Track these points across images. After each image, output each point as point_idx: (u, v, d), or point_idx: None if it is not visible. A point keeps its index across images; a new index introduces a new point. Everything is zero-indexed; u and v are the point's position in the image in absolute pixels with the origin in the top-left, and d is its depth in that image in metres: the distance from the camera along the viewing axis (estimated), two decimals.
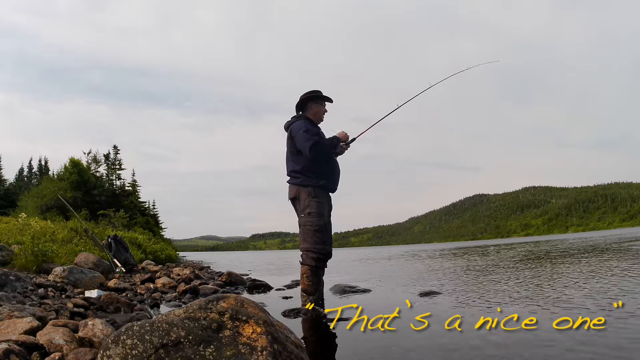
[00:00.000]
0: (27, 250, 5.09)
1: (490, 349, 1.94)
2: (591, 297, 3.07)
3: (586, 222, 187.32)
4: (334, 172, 3.59)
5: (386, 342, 2.15)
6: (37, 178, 42.38)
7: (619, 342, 1.90)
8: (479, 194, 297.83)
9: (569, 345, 1.91)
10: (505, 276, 5.00)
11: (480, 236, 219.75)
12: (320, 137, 3.49)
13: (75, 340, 1.76)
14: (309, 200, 3.41)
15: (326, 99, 3.66)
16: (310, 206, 3.39)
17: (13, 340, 1.65)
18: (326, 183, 3.47)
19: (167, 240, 30.81)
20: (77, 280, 4.24)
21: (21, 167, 46.30)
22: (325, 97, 3.65)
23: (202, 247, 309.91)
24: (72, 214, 9.74)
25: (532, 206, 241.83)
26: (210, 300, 1.55)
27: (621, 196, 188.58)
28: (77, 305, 2.75)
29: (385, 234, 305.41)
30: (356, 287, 4.42)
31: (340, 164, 3.69)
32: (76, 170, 25.38)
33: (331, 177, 3.54)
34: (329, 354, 2.05)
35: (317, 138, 3.39)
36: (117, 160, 33.61)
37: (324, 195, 3.50)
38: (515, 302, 3.09)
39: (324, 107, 3.68)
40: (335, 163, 3.63)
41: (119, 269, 6.17)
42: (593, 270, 4.91)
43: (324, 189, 3.49)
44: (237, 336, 1.42)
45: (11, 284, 3.45)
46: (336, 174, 3.62)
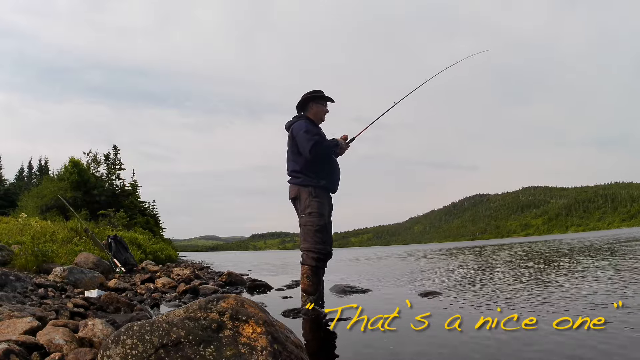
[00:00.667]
0: (27, 250, 5.09)
1: (490, 349, 1.94)
2: (585, 297, 3.07)
3: (586, 222, 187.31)
4: (334, 173, 3.59)
5: (386, 342, 2.15)
6: (37, 178, 42.36)
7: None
8: (479, 194, 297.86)
9: (570, 344, 1.91)
10: (503, 276, 5.01)
11: (480, 236, 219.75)
12: (321, 137, 3.49)
13: (75, 340, 1.76)
14: (309, 200, 3.41)
15: (327, 99, 3.66)
16: (310, 206, 3.40)
17: (13, 340, 1.65)
18: (327, 183, 3.48)
19: (167, 240, 30.83)
20: (77, 280, 4.24)
21: (21, 167, 46.31)
22: (327, 97, 3.65)
23: (202, 247, 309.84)
24: (72, 214, 9.74)
25: (532, 206, 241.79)
26: (210, 300, 1.55)
27: (621, 196, 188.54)
28: (77, 305, 2.75)
29: (385, 234, 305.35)
30: (356, 287, 4.42)
31: (340, 164, 3.70)
32: (76, 170, 25.39)
33: (332, 177, 3.54)
34: (329, 354, 2.05)
35: (318, 138, 3.39)
36: (117, 160, 33.62)
37: (325, 195, 3.50)
38: (515, 302, 3.09)
39: (325, 107, 3.68)
40: (335, 163, 3.63)
41: (119, 269, 6.17)
42: (583, 270, 4.91)
43: (325, 189, 3.49)
44: (237, 336, 1.42)
45: (11, 284, 3.45)
46: (337, 175, 3.62)
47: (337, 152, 3.64)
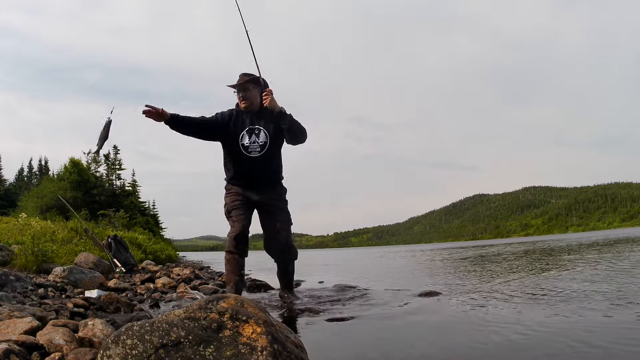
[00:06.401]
0: (27, 250, 5.09)
1: (491, 349, 1.94)
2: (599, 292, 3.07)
3: (586, 222, 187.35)
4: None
5: (387, 341, 2.15)
6: (37, 178, 42.38)
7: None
8: (479, 194, 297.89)
9: (570, 343, 1.91)
10: (501, 276, 5.00)
11: (480, 236, 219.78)
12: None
13: (75, 340, 1.76)
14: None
15: (233, 86, 3.49)
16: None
17: (13, 340, 1.65)
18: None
19: (167, 240, 30.81)
20: (77, 280, 4.24)
21: (21, 167, 46.35)
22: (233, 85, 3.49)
23: (202, 247, 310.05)
24: (72, 214, 9.74)
25: (532, 206, 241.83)
26: (210, 300, 1.54)
27: (621, 196, 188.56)
28: (77, 305, 2.75)
29: (385, 234, 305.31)
30: (356, 287, 4.42)
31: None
32: (76, 170, 25.42)
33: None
34: (330, 354, 2.05)
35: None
36: (117, 160, 33.65)
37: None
38: (515, 302, 3.09)
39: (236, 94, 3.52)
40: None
41: (119, 269, 6.17)
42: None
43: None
44: (237, 336, 1.42)
45: (11, 284, 3.45)
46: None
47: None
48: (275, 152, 3.54)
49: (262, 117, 3.44)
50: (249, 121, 3.44)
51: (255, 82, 3.43)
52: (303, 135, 3.51)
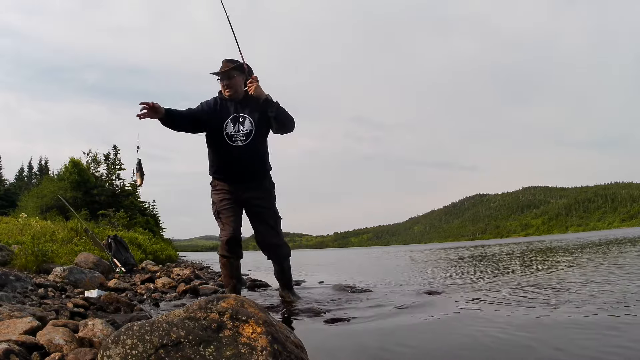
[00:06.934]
0: (27, 250, 5.09)
1: (491, 349, 1.94)
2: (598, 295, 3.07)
3: (586, 222, 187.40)
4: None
5: (387, 341, 2.15)
6: (37, 178, 42.40)
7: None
8: (479, 194, 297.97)
9: (570, 342, 1.91)
10: (501, 275, 5.00)
11: (480, 236, 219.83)
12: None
13: (75, 340, 1.76)
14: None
15: (217, 73, 3.41)
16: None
17: (13, 340, 1.65)
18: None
19: (167, 240, 30.80)
20: (77, 280, 4.24)
21: (21, 167, 46.37)
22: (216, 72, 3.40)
23: (202, 247, 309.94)
24: (72, 214, 9.74)
25: (532, 206, 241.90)
26: (210, 300, 1.55)
27: (621, 196, 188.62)
28: (77, 305, 2.75)
29: (385, 234, 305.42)
30: (356, 287, 4.42)
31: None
32: (76, 170, 25.44)
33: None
34: (330, 354, 2.05)
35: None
36: (117, 160, 33.66)
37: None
38: (514, 301, 3.09)
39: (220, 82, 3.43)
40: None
41: (119, 269, 6.17)
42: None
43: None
44: (237, 336, 1.42)
45: (11, 284, 3.45)
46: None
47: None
48: (261, 142, 3.37)
49: (247, 105, 3.31)
50: (233, 109, 3.31)
51: (240, 69, 3.32)
52: (291, 124, 3.36)
